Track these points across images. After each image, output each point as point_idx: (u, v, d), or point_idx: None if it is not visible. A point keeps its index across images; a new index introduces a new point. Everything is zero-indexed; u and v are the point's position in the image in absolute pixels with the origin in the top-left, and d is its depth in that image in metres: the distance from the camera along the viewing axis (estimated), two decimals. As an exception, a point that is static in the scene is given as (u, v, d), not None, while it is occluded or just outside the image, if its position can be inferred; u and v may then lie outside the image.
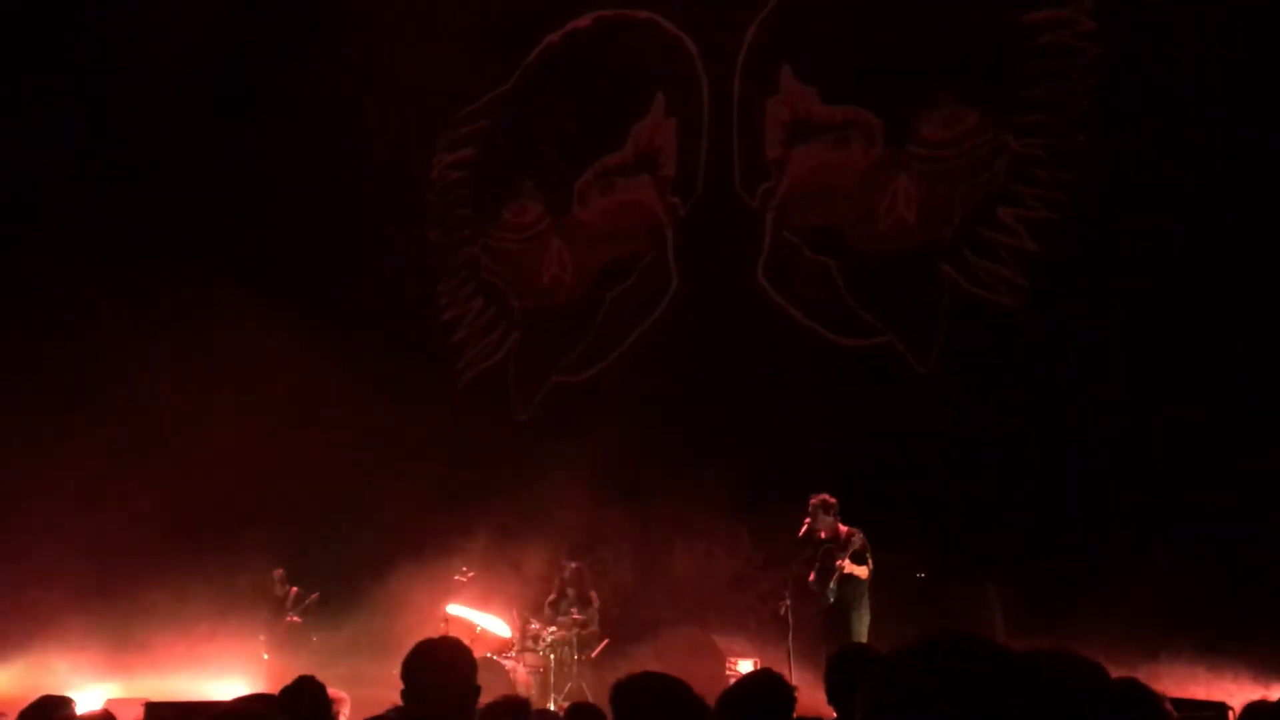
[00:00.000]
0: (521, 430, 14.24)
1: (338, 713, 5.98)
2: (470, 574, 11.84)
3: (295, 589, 12.88)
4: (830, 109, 13.28)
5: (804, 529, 10.21)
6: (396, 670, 3.64)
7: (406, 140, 15.44)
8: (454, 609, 11.49)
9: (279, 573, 13.07)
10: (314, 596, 12.81)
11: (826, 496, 10.17)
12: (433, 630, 11.11)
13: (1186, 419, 9.95)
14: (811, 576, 10.15)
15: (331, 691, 5.68)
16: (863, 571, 9.89)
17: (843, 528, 10.13)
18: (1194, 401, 9.99)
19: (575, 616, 11.32)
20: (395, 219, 15.41)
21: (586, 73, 14.80)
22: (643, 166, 14.55)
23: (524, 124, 15.31)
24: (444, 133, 15.84)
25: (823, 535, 10.16)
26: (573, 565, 11.93)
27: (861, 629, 9.87)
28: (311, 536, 13.23)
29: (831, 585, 9.94)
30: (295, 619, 12.67)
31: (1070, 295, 11.31)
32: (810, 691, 9.39)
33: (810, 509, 10.14)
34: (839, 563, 9.83)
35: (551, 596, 11.75)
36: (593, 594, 11.77)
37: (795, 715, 4.23)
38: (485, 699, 6.44)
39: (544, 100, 15.16)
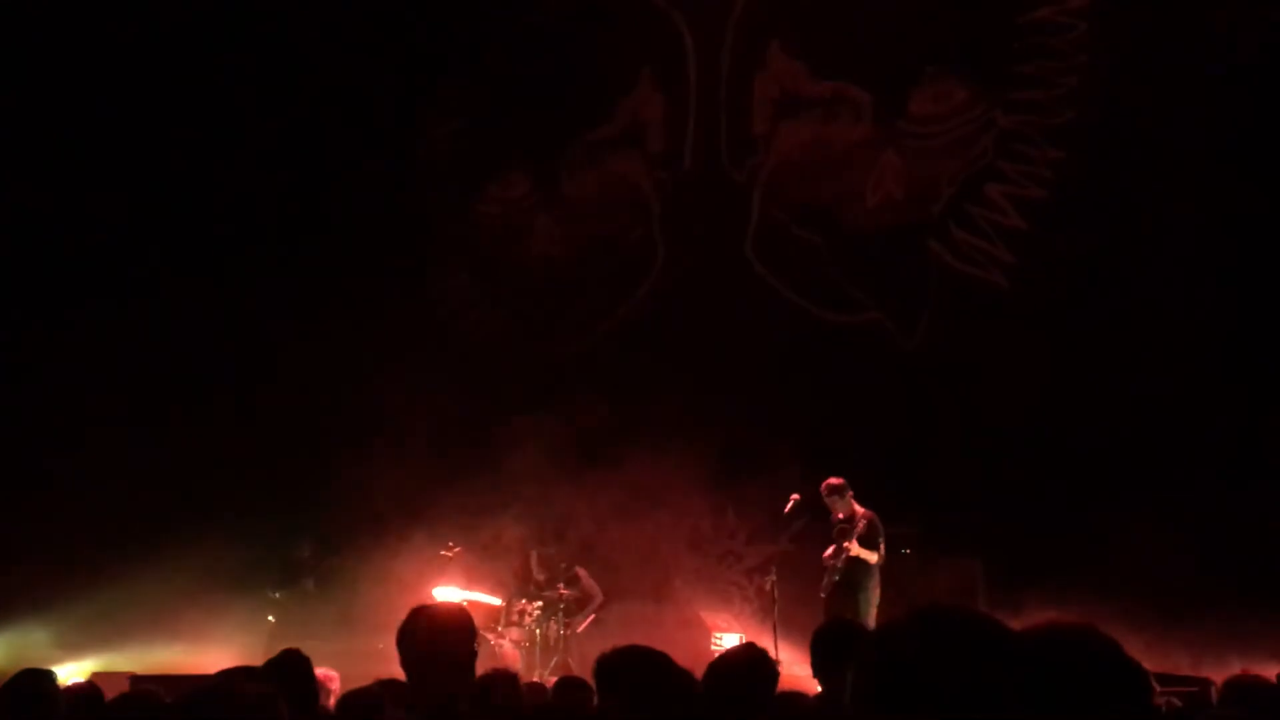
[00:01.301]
0: (508, 404, 14.20)
1: (330, 692, 5.98)
2: (456, 549, 11.85)
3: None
4: (818, 84, 13.25)
5: (790, 505, 10.26)
6: (382, 645, 3.63)
7: (393, 113, 15.33)
8: (440, 591, 11.49)
9: (309, 541, 12.96)
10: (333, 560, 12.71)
11: (833, 480, 10.21)
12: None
13: (1173, 397, 9.98)
14: (828, 554, 10.21)
15: (321, 672, 5.67)
16: (872, 557, 9.92)
17: (858, 508, 10.17)
18: (1181, 379, 10.01)
19: (562, 592, 11.34)
20: (382, 193, 15.32)
21: (574, 46, 14.71)
22: (630, 141, 14.51)
23: (512, 98, 15.23)
24: (431, 106, 15.75)
25: (840, 516, 10.21)
26: (544, 554, 11.91)
27: (866, 608, 9.89)
28: (297, 511, 13.18)
29: (838, 565, 10.01)
30: (309, 583, 12.60)
31: (1058, 273, 11.32)
32: (795, 666, 9.45)
33: (824, 494, 10.19)
34: (845, 545, 9.89)
35: (538, 578, 11.76)
36: (578, 570, 11.77)
37: (779, 689, 4.25)
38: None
39: (532, 74, 15.08)
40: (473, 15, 15.14)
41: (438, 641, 3.59)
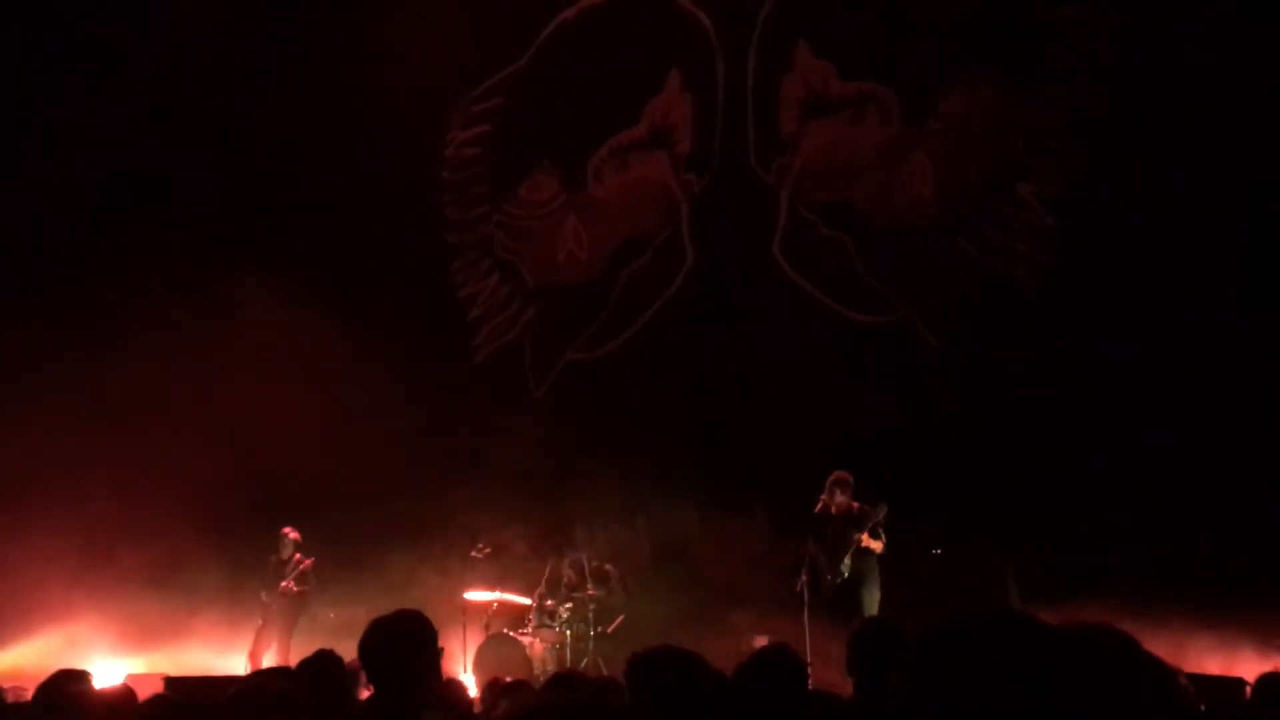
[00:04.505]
0: (537, 407, 14.24)
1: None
2: (486, 550, 11.89)
3: (298, 555, 12.57)
4: (846, 84, 13.21)
5: (819, 505, 10.23)
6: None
7: (422, 117, 15.39)
8: (471, 595, 11.55)
9: (286, 532, 12.57)
10: (308, 563, 12.39)
11: (845, 474, 10.19)
12: (449, 608, 11.19)
13: (1206, 395, 9.90)
14: (822, 554, 10.19)
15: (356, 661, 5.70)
16: (877, 546, 9.93)
17: (855, 504, 10.16)
18: (1215, 377, 9.94)
19: (590, 593, 11.35)
20: (411, 196, 15.39)
21: (601, 48, 14.73)
22: (657, 143, 14.50)
23: (539, 100, 15.25)
24: (459, 109, 15.81)
25: (833, 512, 10.19)
26: (570, 559, 11.91)
27: (872, 604, 9.91)
28: (326, 512, 13.22)
29: (846, 561, 9.98)
30: (291, 585, 12.31)
31: (1088, 271, 11.25)
32: (825, 667, 9.43)
33: (828, 485, 10.17)
34: (857, 536, 9.87)
35: (565, 581, 11.78)
36: (608, 567, 11.78)
37: (810, 689, 4.23)
38: (503, 674, 6.47)
39: (559, 76, 15.11)
40: (499, 18, 15.17)
41: (395, 651, 3.63)
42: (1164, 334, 10.47)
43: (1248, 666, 8.53)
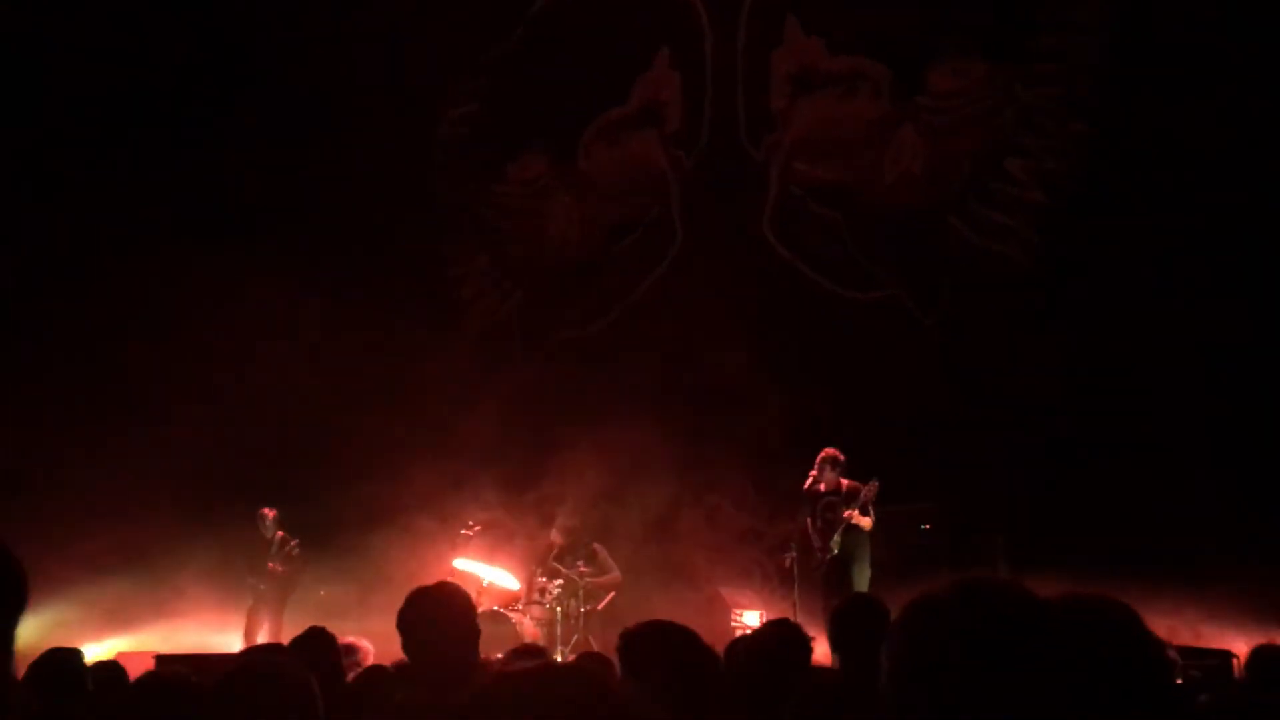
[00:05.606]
0: (527, 384, 14.22)
1: (363, 660, 5.99)
2: (476, 528, 11.87)
3: (282, 533, 12.55)
4: (836, 60, 13.18)
5: (809, 481, 10.24)
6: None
7: (412, 96, 15.32)
8: (461, 563, 11.54)
9: (265, 512, 12.56)
10: (294, 543, 12.45)
11: (835, 452, 10.20)
12: (439, 584, 11.17)
13: (1195, 370, 9.93)
14: (812, 531, 10.21)
15: (354, 640, 5.71)
16: (866, 523, 9.94)
17: (844, 482, 10.18)
18: (1203, 353, 9.96)
19: (581, 569, 11.37)
20: (401, 175, 15.32)
21: (590, 26, 14.65)
22: (647, 120, 14.46)
23: (528, 79, 15.19)
24: (449, 88, 15.73)
25: (823, 489, 10.21)
26: (567, 525, 11.92)
27: (863, 581, 9.93)
28: (317, 490, 13.21)
29: (835, 538, 10.00)
30: (277, 566, 12.35)
31: (1079, 247, 11.26)
32: (815, 643, 9.45)
33: (818, 463, 10.19)
34: (846, 513, 9.88)
35: (555, 552, 11.79)
36: (596, 546, 11.79)
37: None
38: (494, 651, 6.48)
39: (548, 55, 15.03)
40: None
41: (439, 622, 3.62)
42: (1156, 309, 10.48)
43: (1240, 640, 8.60)
